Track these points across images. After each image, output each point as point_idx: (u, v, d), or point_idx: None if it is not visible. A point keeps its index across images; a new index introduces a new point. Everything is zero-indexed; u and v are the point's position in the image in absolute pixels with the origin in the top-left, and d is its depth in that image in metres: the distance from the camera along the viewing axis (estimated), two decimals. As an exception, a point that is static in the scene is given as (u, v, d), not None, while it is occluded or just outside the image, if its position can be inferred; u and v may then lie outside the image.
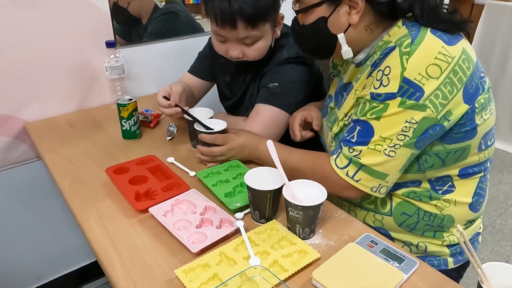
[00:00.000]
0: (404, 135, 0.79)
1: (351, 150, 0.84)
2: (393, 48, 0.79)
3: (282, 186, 0.81)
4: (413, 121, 0.77)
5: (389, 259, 0.74)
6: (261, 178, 0.83)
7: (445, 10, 0.84)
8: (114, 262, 0.74)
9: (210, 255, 0.74)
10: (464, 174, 0.89)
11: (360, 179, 0.84)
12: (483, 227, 2.08)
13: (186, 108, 1.09)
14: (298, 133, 1.08)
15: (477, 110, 0.81)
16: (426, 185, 0.90)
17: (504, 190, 2.39)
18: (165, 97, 1.08)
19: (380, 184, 0.84)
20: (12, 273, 1.50)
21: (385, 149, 0.80)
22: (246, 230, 0.79)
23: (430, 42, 0.77)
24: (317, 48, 0.95)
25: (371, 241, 0.79)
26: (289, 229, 0.81)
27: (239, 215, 0.86)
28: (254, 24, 1.01)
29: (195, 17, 1.57)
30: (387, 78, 0.78)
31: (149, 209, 0.86)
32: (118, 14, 1.39)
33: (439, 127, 0.79)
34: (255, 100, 1.18)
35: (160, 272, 0.72)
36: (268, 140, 0.84)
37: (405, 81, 0.76)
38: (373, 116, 0.80)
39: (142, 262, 0.74)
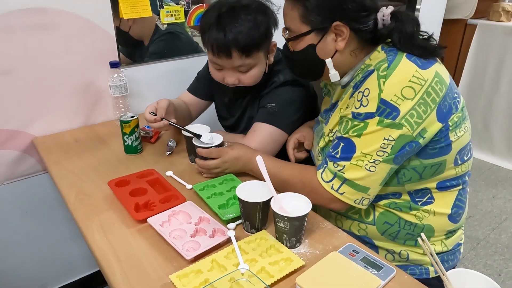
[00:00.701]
0: (383, 151, 0.85)
1: (335, 165, 0.90)
2: (372, 72, 0.86)
3: (270, 199, 0.87)
4: (390, 138, 0.84)
5: (369, 267, 0.80)
6: (252, 191, 0.90)
7: (421, 37, 0.92)
8: (114, 268, 0.80)
9: (203, 262, 0.80)
10: (443, 187, 0.96)
11: (344, 192, 0.91)
12: (476, 241, 2.13)
13: (173, 121, 1.15)
14: (292, 157, 1.17)
15: (450, 128, 0.88)
16: (406, 197, 0.96)
17: (498, 205, 2.43)
18: (153, 113, 1.15)
19: (362, 197, 0.91)
20: (17, 281, 1.55)
21: (366, 165, 0.87)
22: (237, 240, 0.85)
23: (405, 66, 0.84)
24: (306, 72, 1.03)
25: (353, 250, 0.85)
26: (277, 239, 0.87)
27: (232, 225, 0.92)
28: (248, 53, 1.09)
29: (198, 34, 1.65)
30: (367, 99, 0.85)
31: (148, 219, 0.92)
32: (121, 37, 1.48)
33: (415, 143, 0.85)
34: (253, 121, 1.25)
35: (156, 278, 0.78)
36: (258, 156, 0.90)
37: (382, 102, 0.83)
38: (355, 133, 0.87)
39: (140, 268, 0.80)
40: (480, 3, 2.74)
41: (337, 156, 0.90)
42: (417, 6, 2.58)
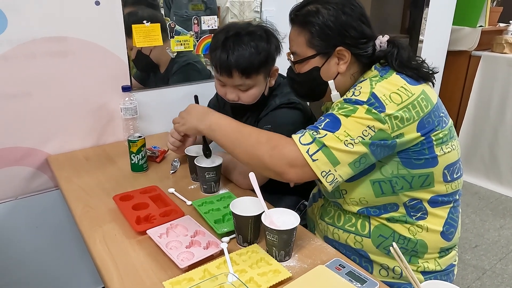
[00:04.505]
0: (363, 137, 0.90)
1: (315, 133, 0.92)
2: (365, 80, 0.95)
3: (262, 213, 0.92)
4: (373, 128, 0.90)
5: (353, 280, 0.83)
6: (245, 206, 0.95)
7: (414, 62, 0.99)
8: (112, 274, 0.85)
9: (195, 271, 0.85)
10: (435, 202, 1.00)
11: (317, 159, 0.91)
12: (482, 271, 2.10)
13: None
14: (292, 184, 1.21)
15: (435, 142, 0.94)
16: (402, 210, 1.00)
17: (506, 236, 2.40)
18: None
19: (329, 170, 0.91)
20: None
21: (346, 141, 0.90)
22: (230, 252, 0.90)
23: (395, 79, 0.94)
24: (310, 93, 1.10)
25: (339, 265, 0.88)
26: (267, 252, 0.91)
27: (226, 239, 0.97)
28: (248, 75, 1.18)
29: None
30: (359, 91, 0.93)
31: (147, 231, 0.98)
32: (141, 60, 1.59)
33: (390, 141, 0.91)
34: None
35: (150, 284, 0.83)
36: (250, 172, 0.96)
37: (373, 95, 0.90)
38: (344, 113, 0.92)
39: (136, 275, 0.86)
40: (483, 35, 2.81)
41: (320, 126, 0.93)
42: (420, 38, 2.67)
